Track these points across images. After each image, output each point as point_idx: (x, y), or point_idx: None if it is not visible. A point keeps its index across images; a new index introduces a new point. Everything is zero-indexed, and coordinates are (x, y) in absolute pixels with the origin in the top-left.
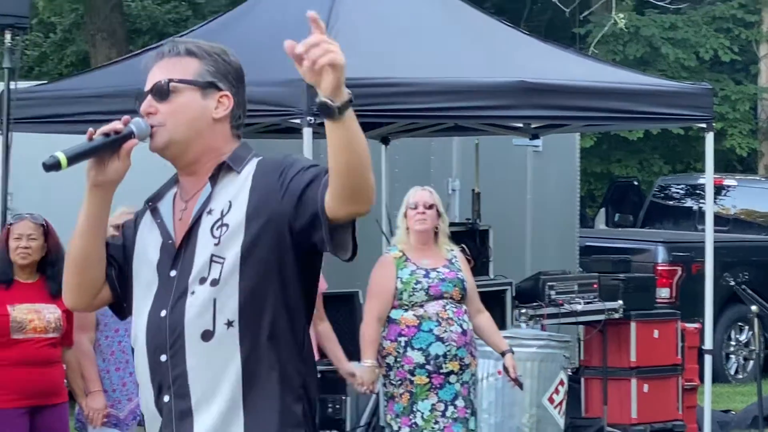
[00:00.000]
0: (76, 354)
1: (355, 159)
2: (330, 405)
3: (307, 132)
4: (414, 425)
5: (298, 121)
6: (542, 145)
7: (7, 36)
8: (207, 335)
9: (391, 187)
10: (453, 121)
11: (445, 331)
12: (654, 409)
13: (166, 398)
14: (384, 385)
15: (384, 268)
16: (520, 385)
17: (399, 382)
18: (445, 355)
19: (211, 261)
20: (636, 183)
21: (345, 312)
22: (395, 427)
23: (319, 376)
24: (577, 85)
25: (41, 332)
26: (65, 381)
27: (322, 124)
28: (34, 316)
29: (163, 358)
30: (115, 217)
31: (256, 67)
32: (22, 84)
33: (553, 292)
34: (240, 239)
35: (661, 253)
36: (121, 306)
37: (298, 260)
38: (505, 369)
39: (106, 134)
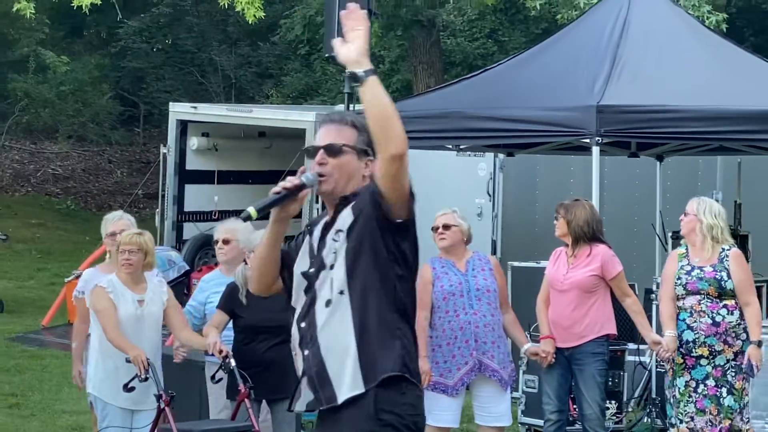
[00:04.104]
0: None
1: (380, 110)
2: (610, 379)
3: (595, 150)
4: (674, 397)
5: (588, 140)
6: None
7: None
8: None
9: (663, 197)
10: (719, 143)
11: (695, 321)
12: None
13: (306, 351)
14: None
15: (671, 260)
16: (749, 374)
17: (666, 360)
18: (694, 342)
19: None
20: None
21: None
22: (668, 396)
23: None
24: None
25: None
26: None
27: (608, 144)
28: None
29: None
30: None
31: (553, 93)
32: (359, 107)
33: None
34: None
35: None
36: (290, 294)
37: (383, 237)
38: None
39: (287, 188)
